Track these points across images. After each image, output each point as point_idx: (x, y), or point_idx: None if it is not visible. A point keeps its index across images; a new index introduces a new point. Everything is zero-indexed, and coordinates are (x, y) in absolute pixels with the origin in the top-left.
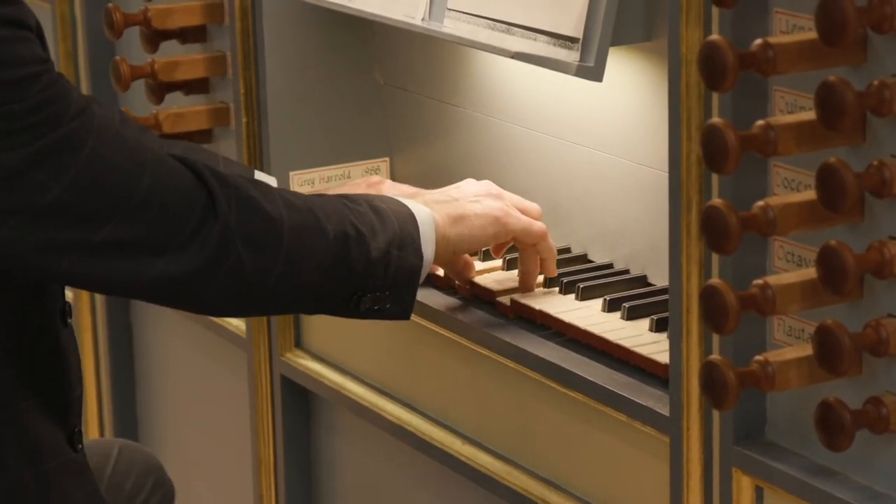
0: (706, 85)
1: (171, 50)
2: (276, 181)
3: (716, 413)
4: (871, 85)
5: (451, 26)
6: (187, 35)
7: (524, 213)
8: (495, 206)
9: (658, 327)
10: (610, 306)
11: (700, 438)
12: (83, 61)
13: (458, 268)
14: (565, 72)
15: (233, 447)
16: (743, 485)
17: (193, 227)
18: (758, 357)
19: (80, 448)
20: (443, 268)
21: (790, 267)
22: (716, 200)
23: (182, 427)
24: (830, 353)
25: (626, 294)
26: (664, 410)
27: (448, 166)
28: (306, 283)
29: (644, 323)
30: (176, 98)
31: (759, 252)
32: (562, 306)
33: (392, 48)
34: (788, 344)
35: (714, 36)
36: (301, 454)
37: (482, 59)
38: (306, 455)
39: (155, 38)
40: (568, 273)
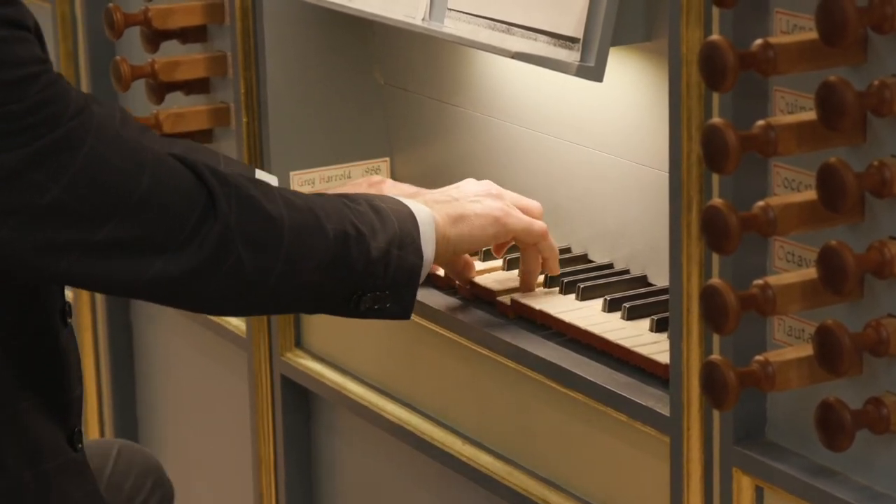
0: (707, 85)
1: (172, 50)
2: (277, 180)
3: (716, 413)
4: (872, 85)
5: (452, 26)
6: (188, 35)
7: (525, 212)
8: (495, 206)
9: (658, 327)
10: (610, 306)
11: (700, 438)
12: (83, 61)
13: (459, 268)
14: (566, 72)
15: (233, 447)
16: (743, 485)
17: (193, 227)
18: (758, 357)
19: (80, 448)
20: (443, 268)
21: (790, 267)
22: (716, 200)
23: (182, 427)
24: (831, 354)
25: (627, 294)
26: (664, 410)
27: (448, 166)
28: (306, 283)
29: (644, 323)
30: (176, 98)
31: (760, 252)
32: (562, 306)
33: (392, 48)
34: (789, 344)
35: (714, 36)
36: (301, 454)
37: (482, 60)
38: (306, 455)
39: (155, 38)
40: (568, 273)
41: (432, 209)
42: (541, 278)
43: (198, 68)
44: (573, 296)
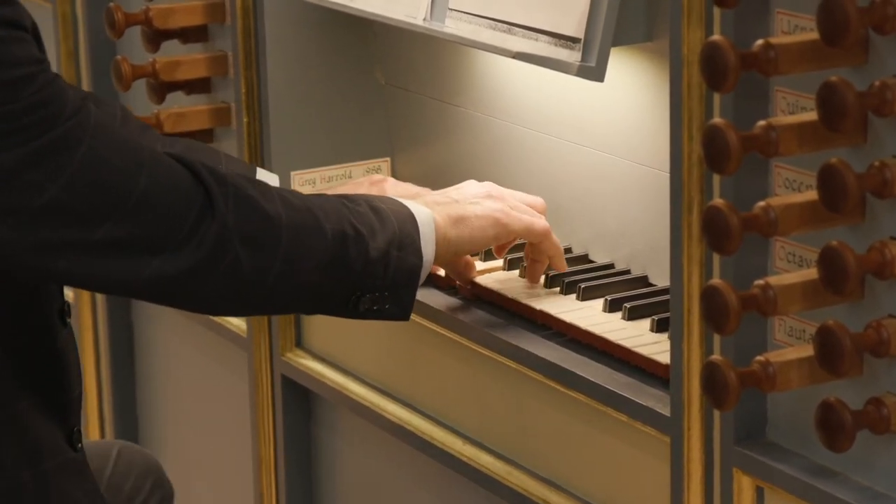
0: (708, 85)
1: (173, 49)
2: (278, 180)
3: (717, 413)
4: (873, 85)
5: (453, 26)
6: (188, 35)
7: (529, 208)
8: (496, 208)
9: (659, 327)
10: (611, 306)
11: (701, 439)
12: (84, 61)
13: (460, 268)
14: (567, 72)
15: (233, 447)
16: (744, 485)
17: (191, 226)
18: (759, 357)
19: (80, 447)
20: (444, 268)
21: (791, 267)
22: (717, 201)
23: (183, 426)
24: (831, 354)
25: (628, 294)
26: (665, 411)
27: (449, 166)
28: (305, 283)
29: (645, 323)
30: (177, 98)
31: (761, 252)
32: (563, 306)
33: (393, 48)
34: (789, 344)
35: (715, 36)
36: (301, 454)
37: (483, 60)
38: (307, 455)
39: (156, 38)
40: (569, 273)
41: (432, 210)
42: (541, 278)
43: (199, 68)
44: (574, 296)
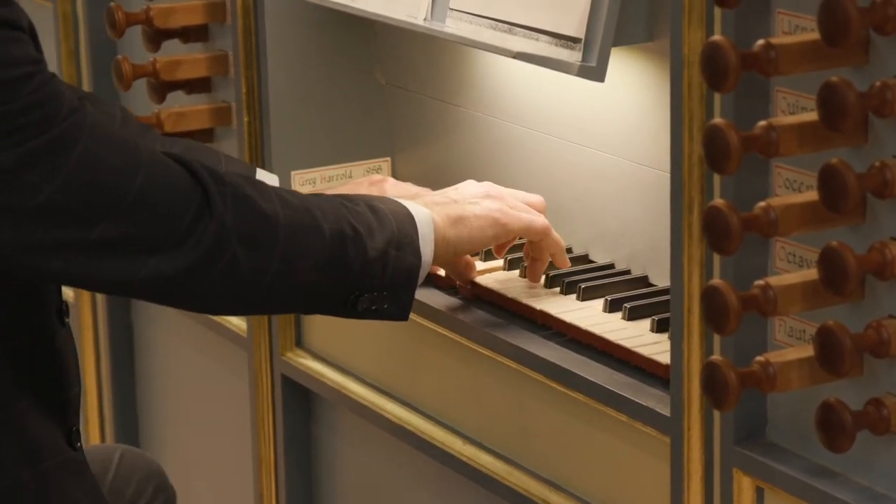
0: (708, 85)
1: (173, 49)
2: (278, 180)
3: (717, 413)
4: (873, 86)
5: (454, 26)
6: (189, 34)
7: (528, 206)
8: (494, 208)
9: (659, 328)
10: (611, 307)
11: (701, 439)
12: (85, 60)
13: (460, 268)
14: (567, 72)
15: (233, 446)
16: (744, 485)
17: (188, 226)
18: (759, 358)
19: (79, 446)
20: (444, 268)
21: (791, 268)
22: (717, 201)
23: (182, 426)
24: (831, 354)
25: (628, 294)
26: (665, 411)
27: (450, 166)
28: (303, 282)
29: (645, 323)
30: (178, 97)
31: (761, 253)
32: (563, 306)
33: (394, 48)
34: (789, 345)
35: (716, 36)
36: (301, 454)
37: (484, 60)
38: (307, 454)
39: (157, 37)
40: (569, 273)
41: (431, 210)
42: (542, 279)
43: (199, 67)
44: (574, 296)
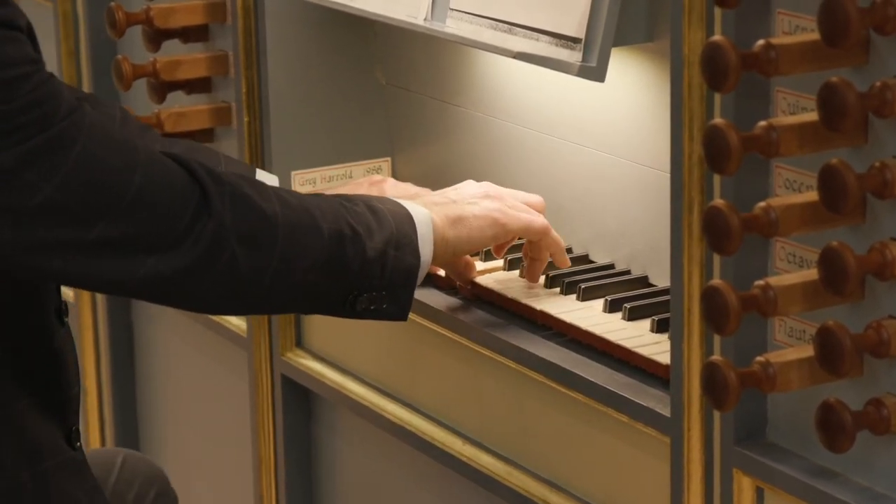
0: (708, 85)
1: (173, 49)
2: (278, 180)
3: (717, 414)
4: (874, 86)
5: (454, 26)
6: (189, 34)
7: (527, 206)
8: (493, 208)
9: (659, 328)
10: (611, 307)
11: (701, 439)
12: (85, 60)
13: (460, 268)
14: (567, 72)
15: (233, 447)
16: (744, 486)
17: (186, 225)
18: (759, 358)
19: (79, 446)
20: (443, 268)
21: (791, 268)
22: (717, 201)
23: (182, 426)
24: (831, 355)
25: (628, 295)
26: (665, 411)
27: (450, 166)
28: (301, 282)
29: (645, 324)
30: (178, 97)
31: (761, 253)
32: (563, 307)
33: (394, 48)
34: (789, 345)
35: (716, 37)
36: (301, 454)
37: (484, 60)
38: (307, 455)
39: (157, 37)
40: (569, 273)
41: (431, 211)
42: (542, 278)
43: (199, 67)
44: (574, 296)
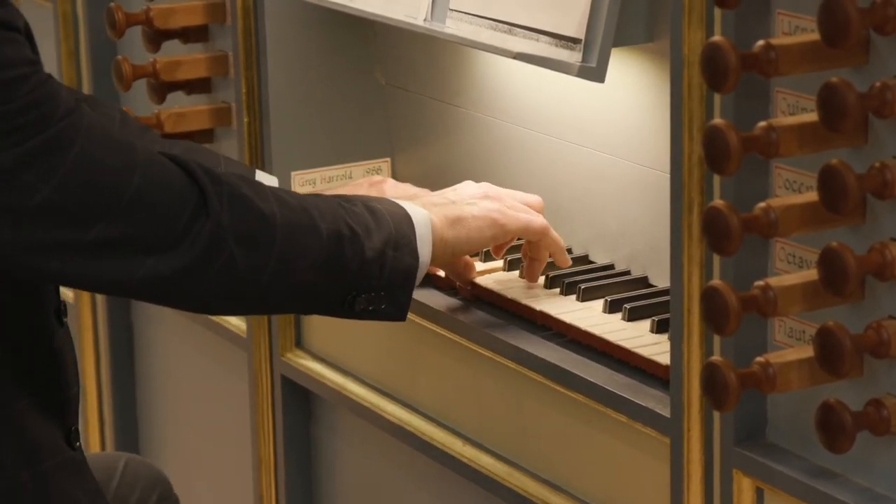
0: (708, 86)
1: (173, 49)
2: (278, 181)
3: (716, 414)
4: (874, 86)
5: (453, 27)
6: (189, 35)
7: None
8: (492, 208)
9: (659, 328)
10: (611, 307)
11: (701, 440)
12: (85, 61)
13: (459, 269)
14: (567, 72)
15: (233, 447)
16: (744, 486)
17: (185, 225)
18: (759, 358)
19: (78, 446)
20: (443, 269)
21: (791, 268)
22: (717, 202)
23: (182, 427)
24: (831, 355)
25: (628, 295)
26: (665, 412)
27: (449, 167)
28: (300, 282)
29: (645, 324)
30: (178, 98)
31: (761, 253)
32: (563, 307)
33: (394, 48)
34: (789, 345)
35: (716, 37)
36: (301, 454)
37: (484, 60)
38: (306, 455)
39: (157, 38)
40: (569, 274)
41: (429, 211)
42: (541, 279)
43: (199, 68)
44: (574, 297)
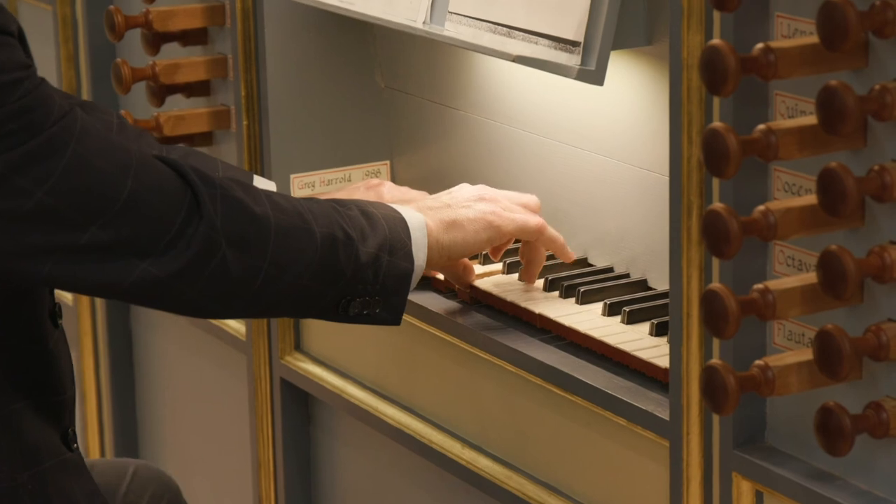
0: (707, 89)
1: (173, 52)
2: (276, 186)
3: (716, 417)
4: (873, 89)
5: (453, 30)
6: (188, 37)
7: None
8: (488, 211)
9: (658, 331)
10: (610, 310)
11: (700, 443)
12: (84, 64)
13: (458, 272)
14: (566, 75)
15: (233, 450)
16: (743, 489)
17: (178, 228)
18: (758, 361)
19: (76, 448)
20: (441, 272)
21: (790, 271)
22: (716, 205)
23: (182, 430)
24: (831, 358)
25: (627, 298)
26: (664, 415)
27: (449, 169)
28: (293, 286)
29: (644, 327)
30: (177, 100)
31: (760, 256)
32: (562, 310)
33: (393, 51)
34: (789, 348)
35: (715, 40)
36: (301, 457)
37: (483, 63)
38: (306, 458)
39: (156, 41)
40: (568, 276)
41: (425, 215)
42: (540, 282)
43: (198, 71)
44: (573, 299)
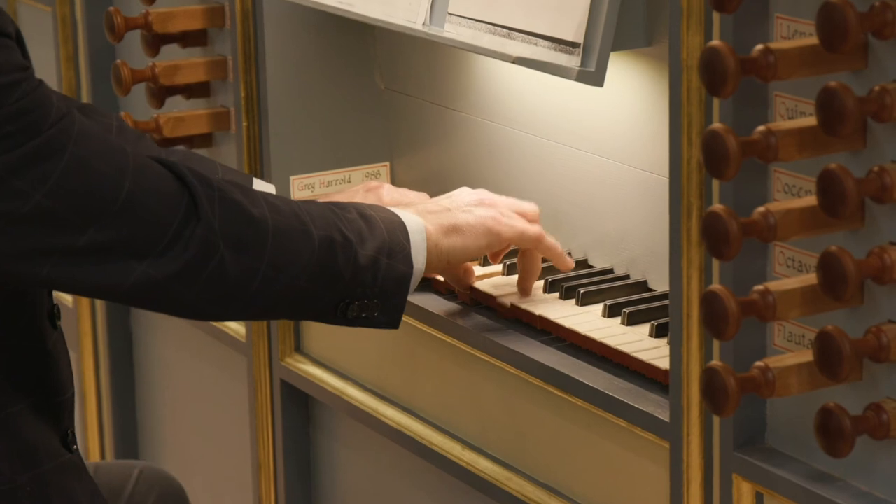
0: (707, 90)
1: (172, 54)
2: (276, 189)
3: (716, 419)
4: (872, 90)
5: (452, 31)
6: (188, 39)
7: (522, 215)
8: (488, 216)
9: (658, 333)
10: (610, 311)
11: (700, 444)
12: (84, 65)
13: (458, 275)
14: (566, 77)
15: (233, 452)
16: (743, 491)
17: (176, 230)
18: (758, 363)
19: (75, 449)
20: (442, 275)
21: (791, 272)
22: (716, 206)
23: (182, 432)
24: (831, 359)
25: (627, 299)
26: (664, 416)
27: (448, 171)
28: (291, 287)
29: (644, 328)
30: (177, 102)
31: (760, 258)
32: (562, 311)
33: (393, 52)
34: (789, 350)
35: (715, 41)
36: (301, 459)
37: (483, 64)
38: (306, 460)
39: (156, 42)
40: (568, 278)
41: (424, 219)
42: (540, 283)
43: (198, 72)
44: (573, 301)
